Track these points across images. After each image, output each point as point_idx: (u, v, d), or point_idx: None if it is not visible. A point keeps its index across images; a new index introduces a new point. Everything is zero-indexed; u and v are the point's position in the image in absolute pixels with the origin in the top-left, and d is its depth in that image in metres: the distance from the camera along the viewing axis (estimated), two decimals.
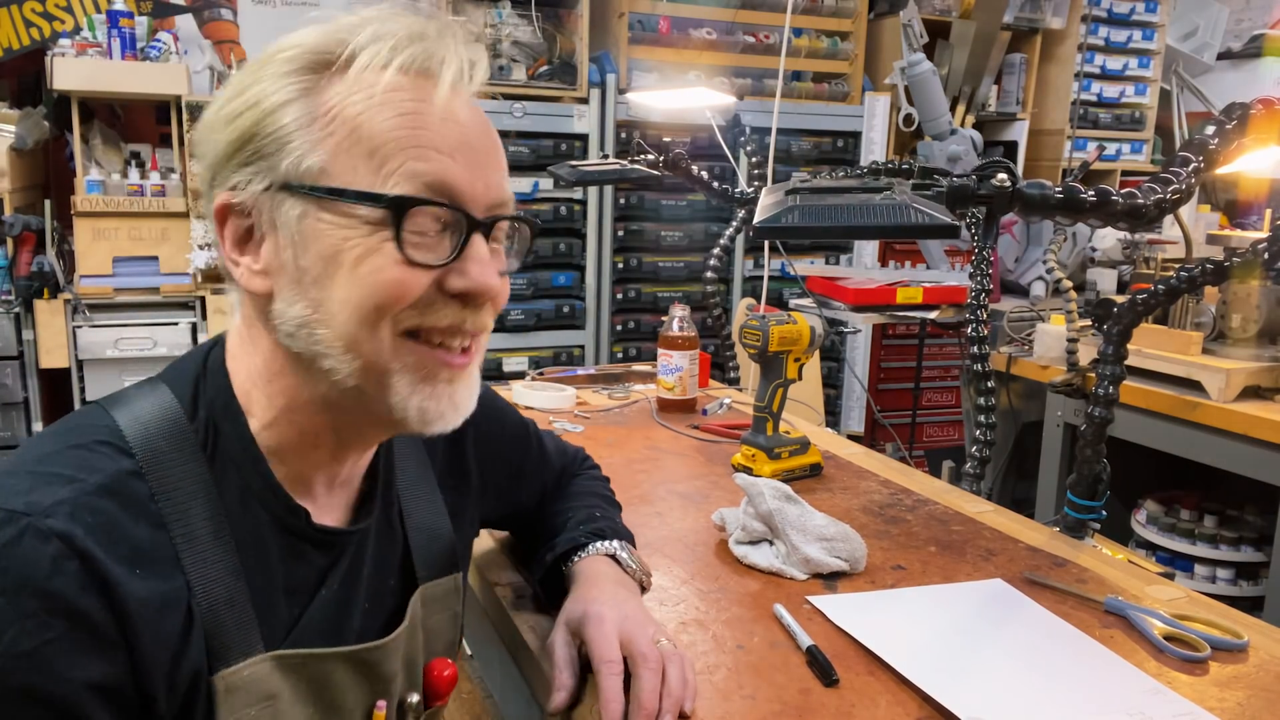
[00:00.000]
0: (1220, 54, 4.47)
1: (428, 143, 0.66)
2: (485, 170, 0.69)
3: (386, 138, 0.65)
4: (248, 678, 0.67)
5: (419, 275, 0.67)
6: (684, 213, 3.64)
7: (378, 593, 0.80)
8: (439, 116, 0.67)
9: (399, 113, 0.66)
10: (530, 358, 3.50)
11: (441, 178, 0.66)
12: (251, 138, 0.66)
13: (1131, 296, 1.30)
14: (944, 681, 0.87)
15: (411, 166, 0.66)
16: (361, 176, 0.65)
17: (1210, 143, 1.10)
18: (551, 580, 1.00)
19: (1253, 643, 0.98)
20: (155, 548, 0.63)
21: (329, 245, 0.65)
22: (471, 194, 0.68)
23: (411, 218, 0.66)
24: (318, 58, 0.67)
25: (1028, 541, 1.24)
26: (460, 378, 0.71)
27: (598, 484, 1.15)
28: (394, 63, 0.66)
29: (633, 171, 2.01)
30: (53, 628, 0.57)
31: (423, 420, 0.70)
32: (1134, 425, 2.29)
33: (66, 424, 0.69)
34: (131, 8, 3.09)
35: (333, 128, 0.65)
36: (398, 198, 0.65)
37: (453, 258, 0.68)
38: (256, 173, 0.66)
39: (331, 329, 0.66)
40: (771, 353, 1.44)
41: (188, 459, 0.67)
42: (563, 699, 0.84)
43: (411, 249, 0.66)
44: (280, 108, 0.66)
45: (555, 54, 3.49)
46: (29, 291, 2.88)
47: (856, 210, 0.89)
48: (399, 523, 0.84)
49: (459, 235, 0.68)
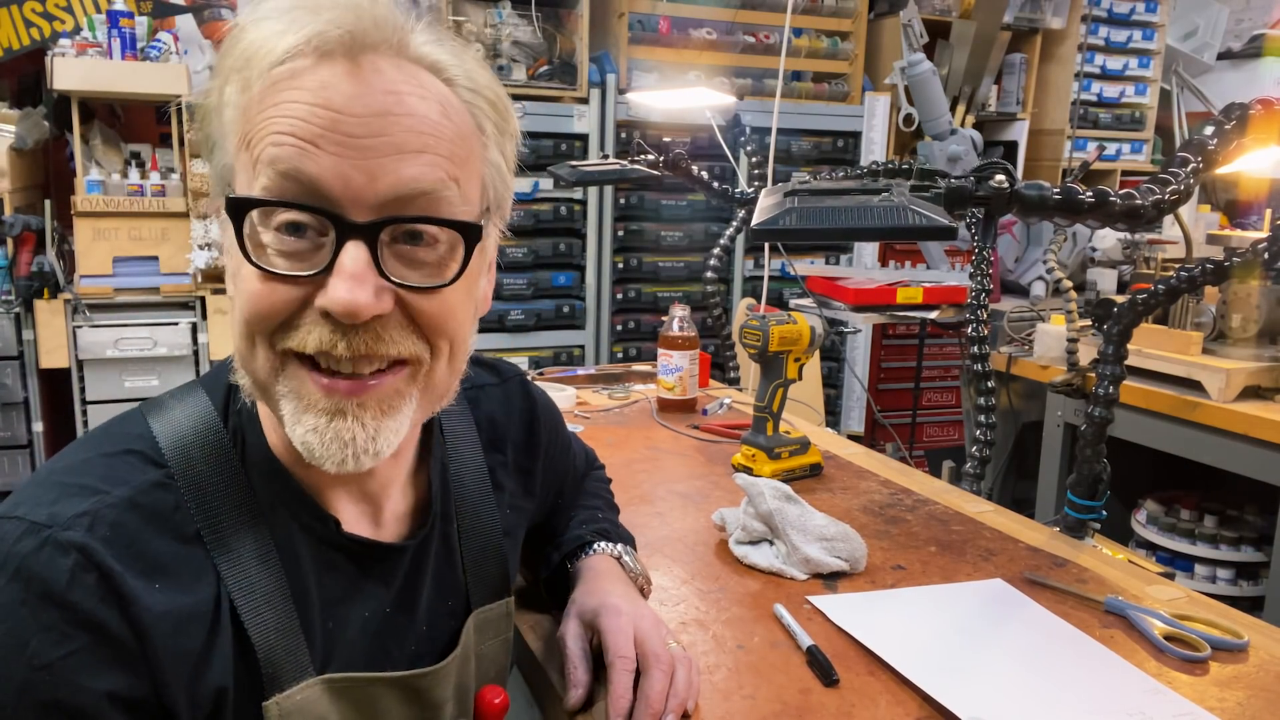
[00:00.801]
0: (1220, 54, 4.47)
1: (286, 129, 0.57)
2: (366, 160, 0.58)
3: (253, 128, 0.59)
4: (300, 702, 0.65)
5: (279, 289, 0.59)
6: (684, 213, 3.64)
7: (437, 615, 0.78)
8: (308, 99, 0.57)
9: (270, 101, 0.58)
10: (530, 358, 3.50)
11: (295, 168, 0.57)
12: (204, 141, 0.64)
13: (1131, 296, 1.30)
14: (944, 681, 0.87)
15: (266, 153, 0.57)
16: (245, 173, 0.60)
17: (1210, 143, 1.10)
18: (557, 578, 1.00)
19: (1253, 643, 0.98)
20: (179, 560, 0.62)
21: (233, 252, 0.61)
22: (345, 190, 0.58)
23: (269, 221, 0.59)
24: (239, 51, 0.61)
25: (1028, 541, 1.24)
26: (354, 411, 0.61)
27: (601, 486, 1.15)
28: (277, 45, 0.59)
29: (633, 171, 2.01)
30: (74, 639, 0.56)
31: (309, 455, 0.61)
32: (1134, 425, 2.29)
33: (103, 430, 0.68)
34: (131, 8, 3.09)
35: (238, 125, 0.61)
36: (232, 199, 0.58)
37: (321, 270, 0.58)
38: (213, 177, 0.65)
39: (235, 341, 0.63)
40: (771, 353, 1.44)
41: (223, 470, 0.65)
42: (579, 695, 0.83)
43: (271, 259, 0.59)
44: (215, 109, 0.62)
45: (555, 54, 3.49)
46: (29, 291, 2.88)
47: (855, 212, 0.89)
48: (458, 542, 0.81)
49: (327, 240, 0.59)
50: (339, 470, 0.62)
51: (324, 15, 0.59)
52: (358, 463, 0.62)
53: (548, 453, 0.95)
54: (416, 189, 0.60)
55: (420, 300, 0.62)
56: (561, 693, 0.85)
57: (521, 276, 3.44)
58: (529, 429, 0.93)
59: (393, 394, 0.63)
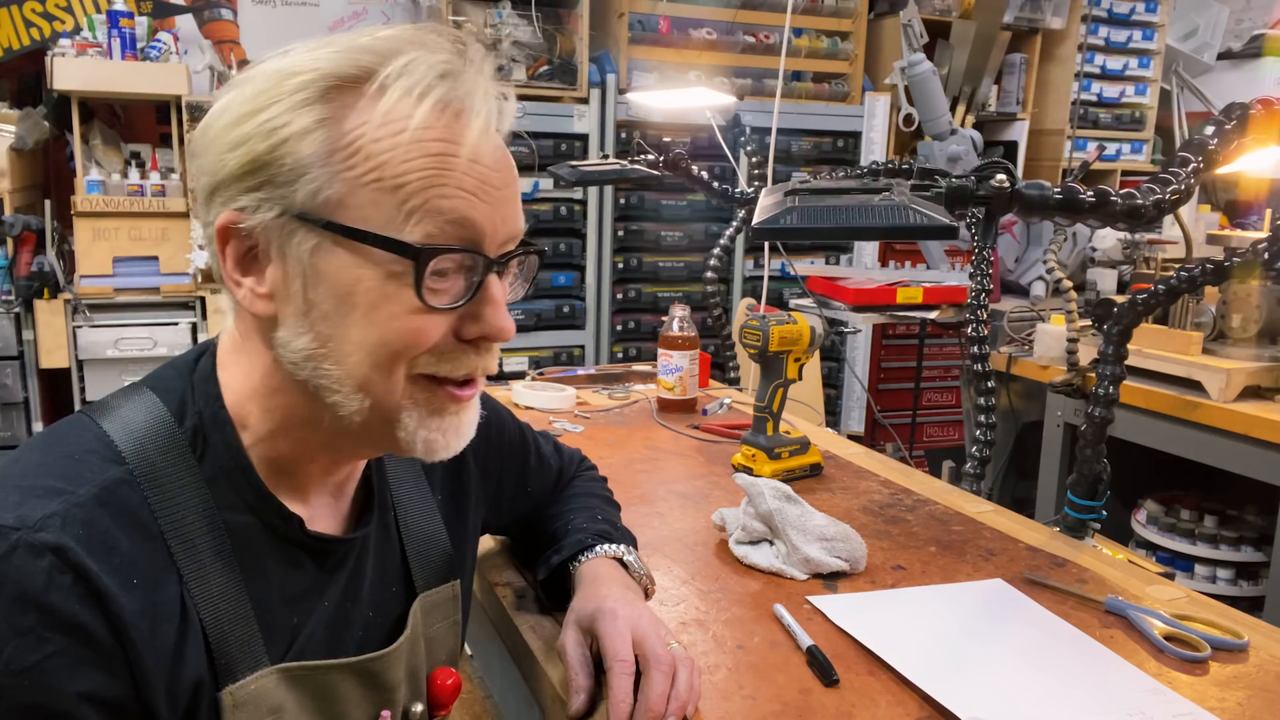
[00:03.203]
0: (1220, 54, 4.47)
1: (455, 183, 0.64)
2: (504, 207, 0.68)
3: (412, 176, 0.63)
4: (254, 692, 0.67)
5: (436, 321, 0.66)
6: (684, 213, 3.65)
7: (381, 601, 0.80)
8: (467, 157, 0.65)
9: (427, 152, 0.64)
10: (530, 358, 3.50)
11: (465, 216, 0.65)
12: (264, 165, 0.63)
13: (1131, 296, 1.30)
14: (944, 681, 0.87)
15: (436, 205, 0.64)
16: (381, 212, 0.63)
17: (1210, 143, 1.10)
18: (556, 582, 1.00)
19: (1253, 643, 0.98)
20: (148, 558, 0.62)
21: (343, 283, 0.64)
22: (490, 233, 0.67)
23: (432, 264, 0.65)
24: (339, 84, 0.64)
25: (1028, 541, 1.24)
26: (466, 408, 0.72)
27: (596, 485, 1.15)
28: (427, 100, 0.64)
29: (633, 171, 2.01)
30: (52, 642, 0.56)
31: (428, 451, 0.70)
32: (1134, 425, 2.29)
33: (52, 435, 0.68)
34: (131, 8, 3.09)
35: (354, 161, 0.63)
36: (423, 247, 0.64)
37: (467, 299, 0.67)
38: (266, 199, 0.64)
39: (342, 367, 0.65)
40: (771, 353, 1.44)
41: (181, 468, 0.66)
42: (582, 701, 0.83)
43: (430, 295, 0.65)
44: (297, 136, 0.63)
45: (555, 54, 3.50)
46: (29, 291, 2.88)
47: (855, 211, 0.89)
48: (396, 530, 0.83)
49: (475, 276, 0.67)
50: (447, 456, 0.71)
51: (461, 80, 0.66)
52: (459, 448, 0.72)
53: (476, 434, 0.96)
54: (522, 226, 0.72)
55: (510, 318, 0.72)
56: (565, 698, 0.85)
57: None
58: None
59: (478, 394, 0.74)
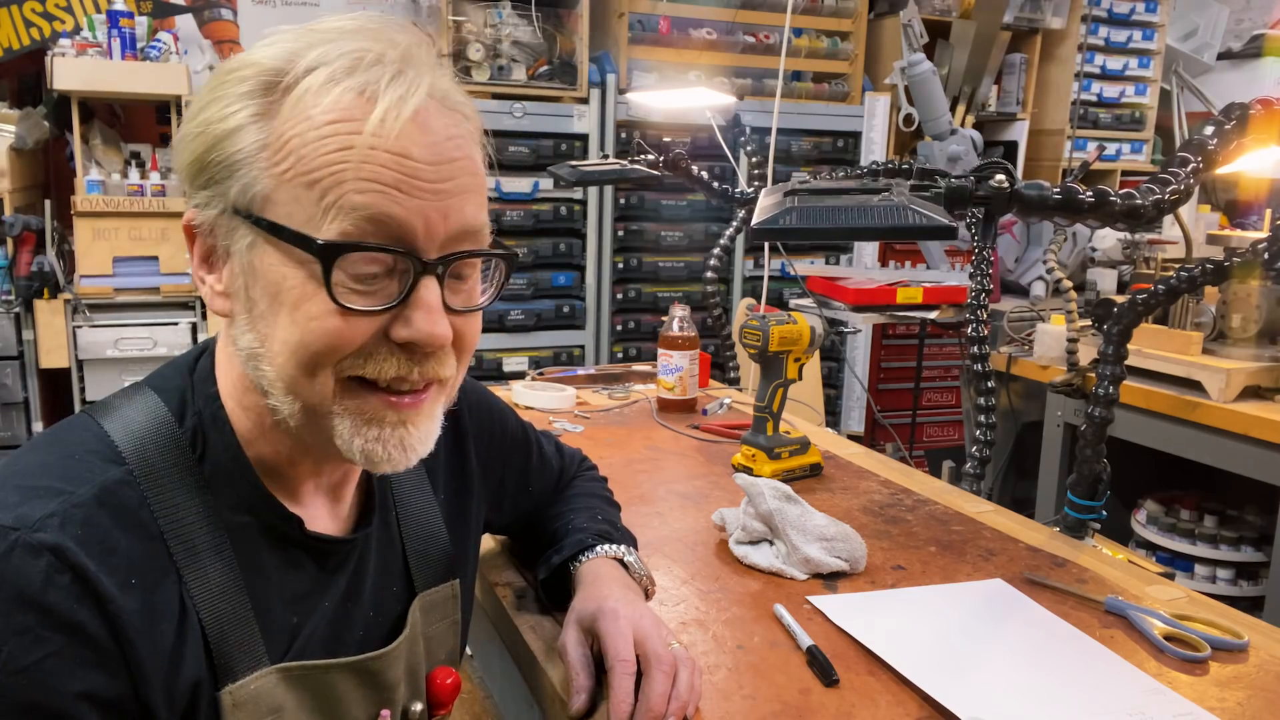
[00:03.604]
0: (1220, 54, 4.47)
1: (371, 176, 0.61)
2: (441, 201, 0.64)
3: (326, 170, 0.61)
4: (254, 691, 0.67)
5: (357, 324, 0.63)
6: (684, 213, 3.65)
7: (382, 601, 0.80)
8: (388, 150, 0.61)
9: (342, 146, 0.61)
10: (530, 358, 3.50)
11: (383, 213, 0.62)
12: (207, 162, 0.64)
13: (1131, 296, 1.30)
14: (944, 681, 0.87)
15: (350, 200, 0.61)
16: (303, 209, 0.62)
17: (1209, 143, 1.10)
18: (556, 581, 1.00)
19: (1253, 643, 0.98)
20: (146, 558, 0.62)
21: (272, 281, 0.63)
22: (422, 231, 0.63)
23: (347, 262, 0.62)
24: (271, 79, 0.63)
25: (1028, 541, 1.24)
26: (412, 419, 0.68)
27: (597, 485, 1.15)
28: (339, 88, 0.62)
29: (633, 171, 2.01)
30: (51, 642, 0.56)
31: (369, 462, 0.67)
32: (1134, 425, 2.29)
33: (54, 434, 0.68)
34: (131, 8, 3.09)
35: (279, 157, 0.62)
36: (326, 244, 0.61)
37: (396, 303, 0.64)
38: (213, 196, 0.65)
39: (274, 368, 0.64)
40: (771, 353, 1.44)
41: (181, 468, 0.66)
42: (583, 701, 0.83)
43: (348, 296, 0.62)
44: (232, 133, 0.63)
45: (555, 54, 3.50)
46: (29, 291, 2.88)
47: (855, 212, 0.89)
48: (397, 529, 0.83)
49: (408, 278, 0.64)
50: (393, 469, 0.68)
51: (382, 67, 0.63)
52: (408, 461, 0.69)
53: (477, 431, 0.96)
54: (475, 225, 0.67)
55: (464, 323, 0.69)
56: (565, 698, 0.85)
57: (521, 276, 3.44)
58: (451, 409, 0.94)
59: (433, 402, 0.70)
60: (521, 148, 3.35)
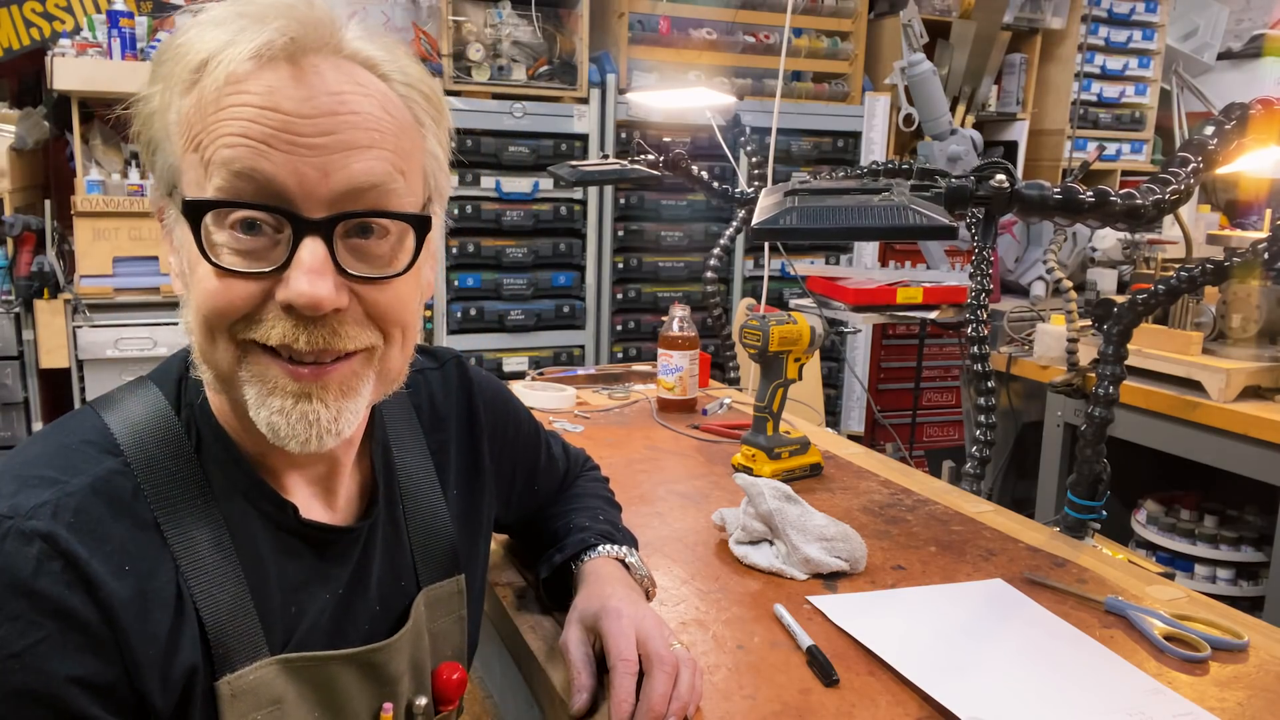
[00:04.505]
0: (1220, 54, 4.47)
1: (238, 130, 0.60)
2: (318, 158, 0.60)
3: (202, 130, 0.61)
4: (253, 682, 0.67)
5: (237, 286, 0.61)
6: (684, 213, 3.65)
7: (389, 595, 0.79)
8: (257, 105, 0.60)
9: (218, 106, 0.60)
10: (530, 358, 3.50)
11: (251, 168, 0.59)
12: (147, 143, 0.66)
13: (1131, 296, 1.30)
14: (944, 681, 0.87)
15: (220, 155, 0.60)
16: (195, 173, 0.62)
17: (1209, 143, 1.10)
18: (557, 580, 1.00)
19: (1253, 643, 0.98)
20: (141, 546, 0.63)
21: (186, 250, 0.64)
22: (296, 187, 0.60)
23: (223, 221, 0.61)
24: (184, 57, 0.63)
25: (1028, 541, 1.24)
26: (318, 393, 0.64)
27: (599, 485, 1.15)
28: (221, 51, 0.61)
29: (633, 171, 2.01)
30: (43, 628, 0.57)
31: (275, 437, 0.64)
32: (1134, 425, 2.29)
33: (54, 427, 0.69)
34: (131, 8, 3.08)
35: (183, 129, 0.62)
36: (190, 201, 0.60)
37: (280, 266, 0.61)
38: (156, 177, 0.66)
39: (193, 337, 0.65)
40: (771, 353, 1.44)
41: (178, 458, 0.67)
42: (584, 700, 0.83)
43: (228, 257, 0.61)
44: (156, 113, 0.64)
45: (555, 54, 3.49)
46: (29, 291, 2.88)
47: (855, 211, 0.89)
48: (404, 523, 0.83)
49: (292, 240, 0.61)
50: (303, 450, 0.65)
51: (267, 23, 0.61)
52: (321, 442, 0.65)
53: (492, 428, 0.96)
54: (367, 183, 0.62)
55: (374, 292, 0.65)
56: (566, 697, 0.85)
57: (521, 276, 3.44)
58: (468, 404, 0.94)
59: (351, 377, 0.66)
60: (521, 148, 3.35)
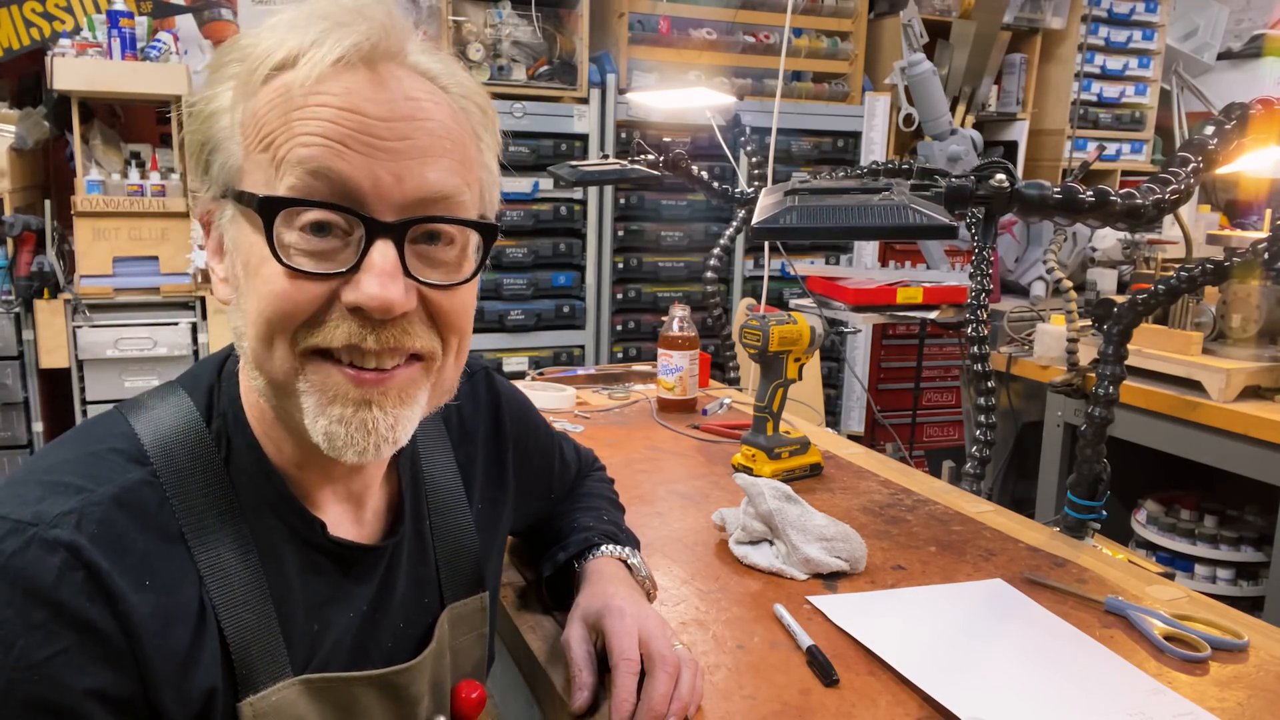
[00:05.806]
0: (1220, 54, 4.47)
1: (316, 130, 0.59)
2: (394, 162, 0.61)
3: (278, 129, 0.60)
4: (276, 703, 0.66)
5: (305, 288, 0.61)
6: (684, 213, 3.65)
7: (413, 613, 0.78)
8: (337, 105, 0.60)
9: (293, 105, 0.60)
10: (530, 358, 3.50)
11: (326, 167, 0.59)
12: (201, 144, 0.65)
13: (1131, 296, 1.30)
14: (944, 681, 0.87)
15: (295, 154, 0.59)
16: (263, 172, 0.61)
17: (1210, 143, 1.10)
18: (559, 579, 1.00)
19: (1253, 643, 0.98)
20: (164, 559, 0.62)
21: (245, 252, 0.63)
22: (371, 190, 0.60)
23: (293, 221, 0.60)
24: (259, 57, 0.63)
25: (1028, 541, 1.24)
26: (378, 400, 0.64)
27: (604, 486, 1.15)
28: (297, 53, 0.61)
29: (633, 171, 2.01)
30: (62, 638, 0.56)
31: (331, 446, 0.63)
32: (1134, 425, 2.29)
33: (82, 430, 0.68)
34: (131, 8, 3.08)
35: (248, 128, 0.62)
36: (266, 198, 0.60)
37: (350, 268, 0.61)
38: (209, 180, 0.65)
39: (248, 342, 0.64)
40: (771, 353, 1.44)
41: (207, 471, 0.66)
42: (585, 698, 0.83)
43: (298, 258, 0.60)
44: (218, 113, 0.64)
45: (555, 54, 3.49)
46: (29, 291, 2.88)
47: (855, 211, 0.89)
48: (430, 540, 0.82)
49: (363, 243, 0.61)
50: (359, 459, 0.64)
51: (351, 26, 0.61)
52: (378, 451, 0.64)
53: (516, 441, 0.95)
54: (439, 192, 0.63)
55: (440, 298, 0.65)
56: (566, 696, 0.85)
57: (521, 276, 3.44)
58: (495, 418, 0.94)
59: (410, 384, 0.66)
60: (521, 148, 3.35)
